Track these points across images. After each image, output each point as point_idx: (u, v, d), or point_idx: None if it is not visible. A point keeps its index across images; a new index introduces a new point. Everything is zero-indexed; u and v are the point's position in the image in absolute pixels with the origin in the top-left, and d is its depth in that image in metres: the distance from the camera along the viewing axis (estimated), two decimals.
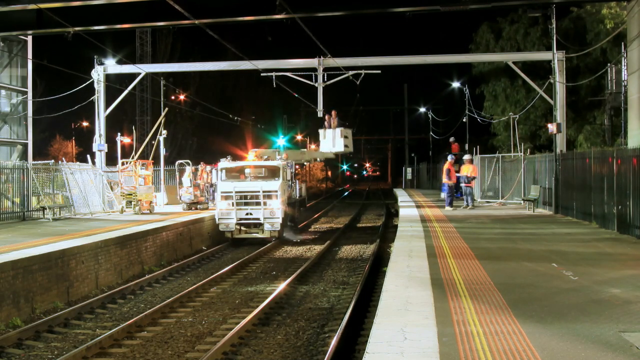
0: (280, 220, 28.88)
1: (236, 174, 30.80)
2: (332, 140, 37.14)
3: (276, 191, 28.83)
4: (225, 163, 30.96)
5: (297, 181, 35.31)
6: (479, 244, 18.14)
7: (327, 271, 23.18)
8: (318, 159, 43.38)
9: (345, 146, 37.41)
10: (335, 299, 18.24)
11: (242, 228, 29.38)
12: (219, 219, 29.21)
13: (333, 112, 37.65)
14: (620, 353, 7.90)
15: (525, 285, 12.24)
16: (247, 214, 28.97)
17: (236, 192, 28.96)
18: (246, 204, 29.04)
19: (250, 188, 29.18)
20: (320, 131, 38.11)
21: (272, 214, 28.76)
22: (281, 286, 19.17)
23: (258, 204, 28.80)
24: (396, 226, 26.46)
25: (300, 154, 40.94)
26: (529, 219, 27.12)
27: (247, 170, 30.91)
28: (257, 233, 29.33)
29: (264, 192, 28.77)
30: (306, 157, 40.83)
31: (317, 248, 28.73)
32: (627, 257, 15.68)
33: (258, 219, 28.95)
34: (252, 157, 32.35)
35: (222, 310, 17.00)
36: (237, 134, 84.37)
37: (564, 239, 19.39)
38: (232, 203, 28.90)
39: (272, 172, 30.22)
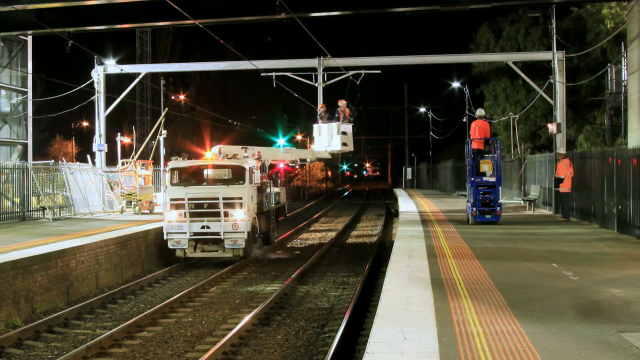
0: (244, 235, 23.21)
1: (191, 176, 24.54)
2: (328, 137, 30.63)
3: (240, 198, 23.21)
4: (175, 162, 24.81)
5: (273, 183, 29.14)
6: (478, 244, 18.13)
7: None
8: (308, 160, 34.19)
9: (344, 144, 30.81)
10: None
11: (198, 245, 23.78)
12: (167, 233, 23.37)
13: (341, 102, 31.34)
14: (620, 353, 7.90)
15: (525, 285, 12.24)
16: (203, 227, 23.20)
17: (189, 199, 23.21)
18: (202, 214, 23.31)
19: (207, 194, 23.52)
20: (315, 126, 31.48)
21: (234, 227, 23.09)
22: None
23: (217, 214, 23.12)
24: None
25: (283, 152, 32.36)
26: (529, 219, 27.12)
27: (205, 172, 24.67)
28: (216, 252, 23.75)
29: (224, 199, 23.13)
30: (290, 157, 31.97)
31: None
32: (627, 257, 15.68)
33: (217, 233, 23.22)
34: (211, 156, 26.40)
35: (223, 310, 17.01)
36: (237, 133, 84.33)
37: (564, 239, 19.38)
38: (185, 213, 23.17)
39: (237, 175, 23.92)
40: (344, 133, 30.50)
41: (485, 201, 23.94)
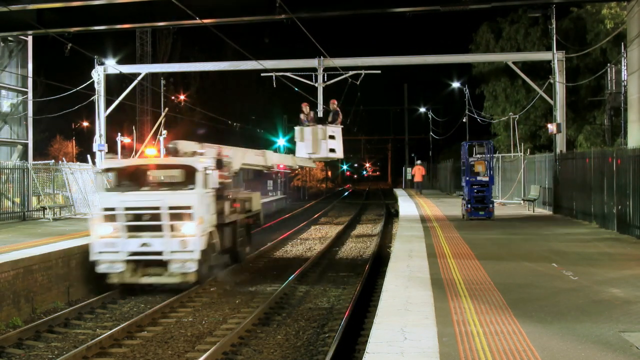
0: (196, 255, 17.99)
1: (130, 180, 19.53)
2: (313, 142, 25.59)
3: (189, 207, 18.03)
4: (110, 162, 20.54)
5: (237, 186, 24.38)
6: (478, 244, 18.14)
7: None
8: (290, 165, 27.99)
9: (331, 150, 25.74)
10: None
11: (139, 268, 18.57)
12: (96, 252, 18.25)
13: (333, 102, 27.76)
14: (620, 353, 7.90)
15: (525, 285, 12.24)
16: (142, 244, 18.10)
17: (125, 208, 18.14)
18: (141, 228, 18.20)
19: (147, 202, 18.24)
20: (296, 129, 26.58)
21: (183, 244, 17.87)
22: None
23: (159, 228, 18.03)
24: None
25: (254, 156, 25.05)
26: (529, 219, 27.12)
27: (150, 175, 19.71)
28: (160, 275, 18.49)
29: (170, 208, 17.98)
30: (264, 162, 25.24)
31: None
32: (627, 257, 15.68)
33: (160, 253, 18.06)
34: (154, 154, 21.72)
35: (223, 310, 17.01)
36: (237, 133, 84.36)
37: (564, 239, 19.39)
38: (119, 227, 18.10)
39: (187, 177, 18.89)
40: (331, 137, 25.61)
41: (478, 199, 26.03)
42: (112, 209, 18.25)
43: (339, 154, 26.38)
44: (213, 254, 19.62)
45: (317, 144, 25.55)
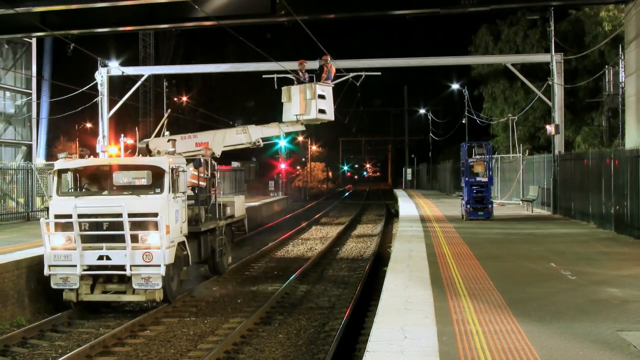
0: (161, 271, 15.51)
1: (88, 183, 17.47)
2: (301, 102, 22.62)
3: (155, 214, 15.55)
4: (64, 162, 17.02)
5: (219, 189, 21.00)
6: (477, 244, 18.14)
7: None
8: (276, 135, 24.42)
9: (321, 111, 22.81)
10: None
11: (97, 284, 16.25)
12: (49, 265, 15.81)
13: (326, 57, 24.28)
14: (617, 352, 7.90)
15: (523, 284, 12.25)
16: (100, 257, 15.67)
17: (80, 215, 15.63)
18: (100, 238, 15.77)
19: (105, 208, 15.80)
20: (283, 89, 23.32)
21: (146, 258, 15.49)
22: None
23: (121, 238, 15.59)
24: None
25: (235, 134, 22.52)
26: (528, 219, 27.11)
27: (113, 177, 17.09)
28: (122, 293, 16.24)
29: (131, 215, 15.50)
30: (246, 139, 22.48)
31: None
32: (624, 257, 15.68)
33: (121, 267, 15.62)
34: (116, 152, 18.67)
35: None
36: None
37: (562, 239, 19.39)
38: (74, 237, 15.61)
39: (154, 179, 16.63)
40: (321, 97, 22.79)
41: (478, 199, 26.08)
42: (66, 216, 15.73)
43: (330, 115, 23.29)
44: (184, 268, 17.47)
45: (305, 103, 22.60)
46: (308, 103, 22.39)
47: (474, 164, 26.50)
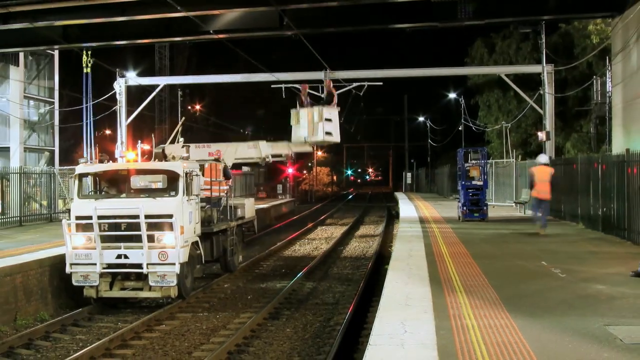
0: (176, 269, 15.78)
1: (107, 186, 17.90)
2: (309, 124, 22.77)
3: (170, 216, 15.89)
4: (84, 167, 17.32)
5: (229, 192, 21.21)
6: (474, 244, 18.12)
7: None
8: (283, 155, 24.17)
9: (327, 133, 22.88)
10: None
11: (116, 281, 16.53)
12: (71, 264, 16.10)
13: (328, 82, 24.92)
14: (605, 345, 7.90)
15: (516, 281, 12.24)
16: (119, 256, 15.99)
17: (100, 217, 15.91)
18: (118, 238, 16.05)
19: (123, 210, 16.08)
20: (292, 112, 23.05)
21: (162, 257, 15.76)
22: None
23: (138, 238, 15.86)
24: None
25: (247, 149, 23.18)
26: (520, 220, 27.07)
27: (131, 181, 16.91)
28: (139, 290, 16.48)
29: (148, 217, 15.78)
30: (256, 154, 22.86)
31: None
32: (611, 256, 15.65)
33: (138, 265, 15.90)
34: (133, 157, 20.24)
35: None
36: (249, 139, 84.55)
37: (553, 239, 19.34)
38: (94, 237, 15.94)
39: (169, 183, 16.73)
40: (327, 120, 22.83)
41: (473, 201, 26.10)
42: (86, 218, 16.04)
43: (336, 137, 23.27)
44: (198, 266, 17.89)
45: (312, 126, 22.68)
46: (315, 126, 22.46)
47: (470, 168, 26.60)
